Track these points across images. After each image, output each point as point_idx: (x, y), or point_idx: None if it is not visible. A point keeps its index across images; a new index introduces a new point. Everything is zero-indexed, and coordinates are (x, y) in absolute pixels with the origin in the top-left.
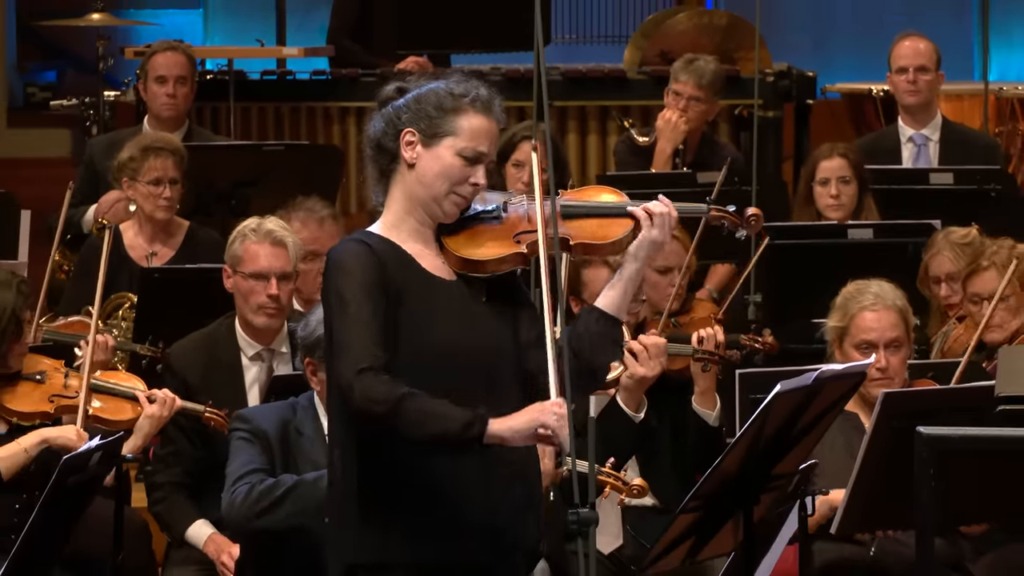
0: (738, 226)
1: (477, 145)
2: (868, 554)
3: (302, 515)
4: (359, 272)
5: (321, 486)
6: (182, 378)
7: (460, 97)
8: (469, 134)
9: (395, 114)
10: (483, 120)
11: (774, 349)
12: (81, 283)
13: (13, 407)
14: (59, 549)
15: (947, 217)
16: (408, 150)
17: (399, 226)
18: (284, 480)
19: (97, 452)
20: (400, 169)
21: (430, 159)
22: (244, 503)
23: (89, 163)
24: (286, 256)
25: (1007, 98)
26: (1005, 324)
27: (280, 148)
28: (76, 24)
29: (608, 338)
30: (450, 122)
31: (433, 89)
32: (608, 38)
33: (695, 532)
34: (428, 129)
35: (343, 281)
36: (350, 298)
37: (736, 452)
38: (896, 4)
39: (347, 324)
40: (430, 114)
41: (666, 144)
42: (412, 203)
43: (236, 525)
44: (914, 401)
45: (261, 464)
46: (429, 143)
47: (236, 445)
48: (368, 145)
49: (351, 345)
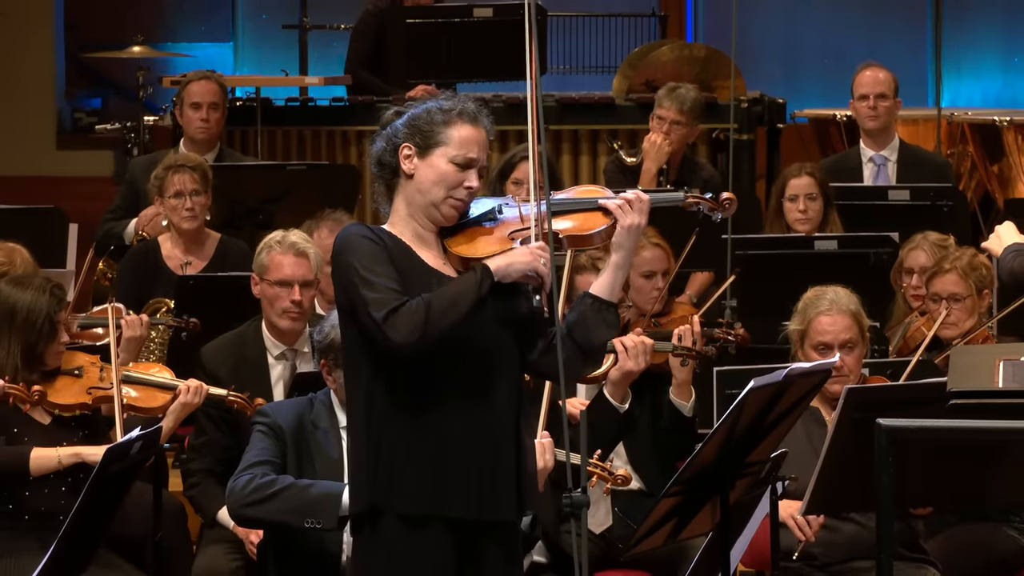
0: (714, 210)
1: (467, 152)
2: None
3: (287, 514)
4: (365, 243)
5: (311, 492)
6: (213, 374)
7: (449, 111)
8: (459, 142)
9: (393, 133)
10: (471, 129)
11: (746, 341)
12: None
13: (55, 400)
14: (103, 529)
15: (904, 230)
16: (406, 162)
17: (404, 227)
18: (281, 480)
19: (137, 442)
20: (401, 181)
21: (426, 168)
22: (241, 491)
23: (130, 181)
24: (308, 265)
25: (957, 123)
26: (960, 323)
27: (303, 168)
28: (119, 56)
29: (602, 318)
30: (441, 133)
31: (425, 107)
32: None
33: (677, 514)
34: (422, 142)
35: (350, 254)
36: (359, 262)
37: (713, 442)
38: (858, 38)
39: (360, 281)
40: (423, 129)
41: (651, 164)
42: (413, 209)
43: (230, 510)
44: (874, 395)
45: (271, 456)
46: (424, 154)
47: (254, 437)
48: (371, 163)
49: (370, 300)
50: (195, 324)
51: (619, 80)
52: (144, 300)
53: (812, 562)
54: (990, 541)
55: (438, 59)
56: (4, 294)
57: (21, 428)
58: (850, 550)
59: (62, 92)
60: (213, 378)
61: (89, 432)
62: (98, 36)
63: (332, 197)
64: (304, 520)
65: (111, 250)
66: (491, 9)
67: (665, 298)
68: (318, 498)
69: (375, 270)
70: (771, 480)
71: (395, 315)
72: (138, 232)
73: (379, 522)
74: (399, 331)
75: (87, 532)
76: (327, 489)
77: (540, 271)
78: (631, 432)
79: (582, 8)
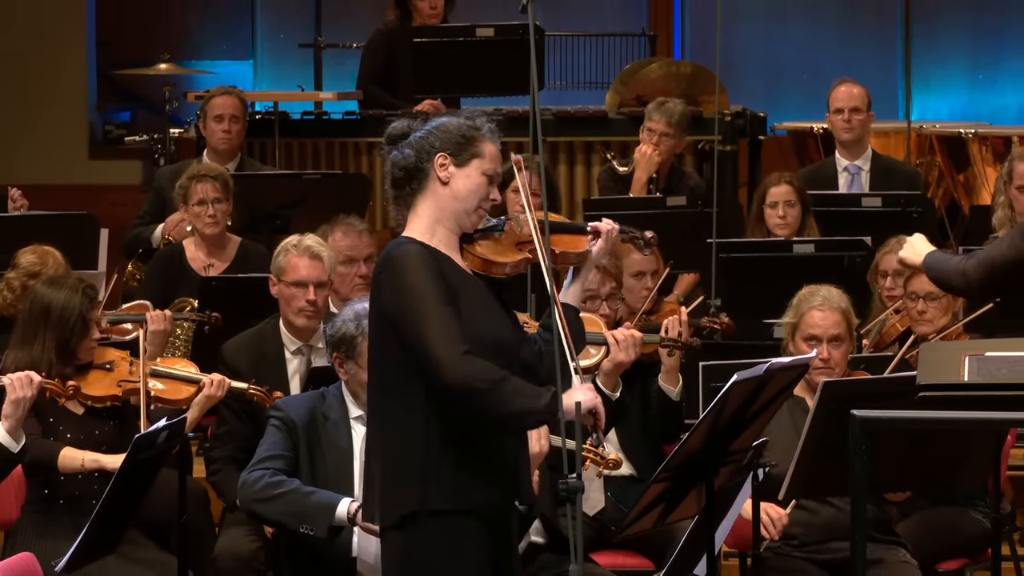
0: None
1: (496, 167)
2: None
3: (286, 516)
4: (426, 269)
5: (310, 500)
6: (235, 368)
7: (478, 128)
8: (490, 157)
9: (425, 142)
10: (495, 147)
11: (731, 328)
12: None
13: (88, 392)
14: (133, 512)
15: (876, 235)
16: (442, 171)
17: (431, 236)
18: (288, 483)
19: (164, 431)
20: (431, 187)
21: (463, 177)
22: (250, 487)
23: (157, 189)
24: (322, 267)
25: (926, 135)
26: (935, 320)
27: (317, 176)
28: (147, 73)
29: (577, 323)
30: (476, 147)
31: (453, 121)
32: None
33: (665, 499)
34: (459, 152)
35: (414, 277)
36: (427, 291)
37: (699, 432)
38: (833, 55)
39: (433, 313)
40: (458, 141)
41: (642, 173)
42: (444, 214)
43: (241, 501)
44: (849, 388)
45: (281, 451)
46: (461, 164)
47: (268, 431)
48: (395, 168)
49: (445, 331)
50: (217, 318)
51: (611, 95)
52: (170, 300)
53: (791, 541)
54: (957, 524)
55: (444, 75)
56: (40, 294)
57: (56, 419)
58: (827, 531)
59: (94, 106)
60: (234, 372)
61: (119, 422)
62: (127, 54)
63: (344, 204)
64: (300, 525)
65: (139, 253)
66: (492, 29)
67: (655, 298)
68: (315, 506)
69: (443, 304)
70: (753, 467)
71: (470, 357)
72: (164, 236)
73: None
74: (469, 372)
75: (117, 515)
76: (325, 499)
77: (598, 413)
78: (623, 420)
79: (577, 28)
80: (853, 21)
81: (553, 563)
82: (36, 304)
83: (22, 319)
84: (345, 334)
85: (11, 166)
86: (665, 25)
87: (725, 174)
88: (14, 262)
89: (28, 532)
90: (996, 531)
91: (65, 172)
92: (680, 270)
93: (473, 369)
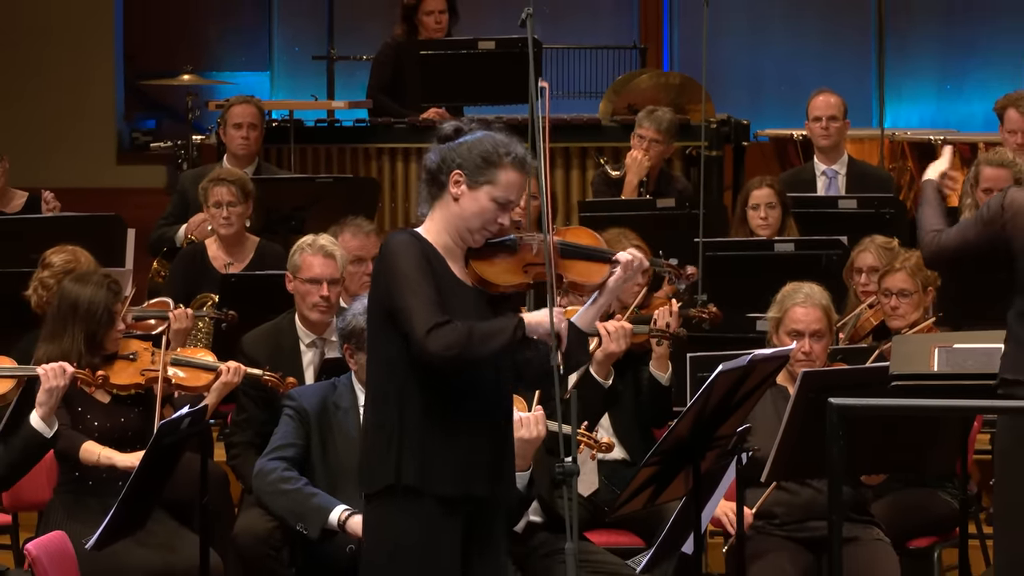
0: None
1: (509, 195)
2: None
3: (287, 512)
4: (412, 255)
5: (311, 502)
6: (253, 359)
7: (504, 155)
8: (505, 186)
9: (450, 154)
10: (517, 175)
11: (718, 317)
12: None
13: (113, 381)
14: (158, 493)
15: (852, 234)
16: (455, 187)
17: (437, 236)
18: (296, 480)
19: (187, 418)
20: (445, 198)
21: (470, 200)
22: (265, 477)
23: (180, 192)
24: (335, 265)
25: (898, 141)
26: (907, 315)
27: (330, 180)
28: (171, 83)
29: (581, 344)
30: (492, 173)
31: (483, 140)
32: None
33: (655, 481)
34: (473, 174)
35: (399, 261)
36: (408, 273)
37: (687, 419)
38: (812, 67)
39: (409, 293)
40: (477, 163)
41: (633, 177)
42: (450, 225)
43: (254, 488)
44: (826, 378)
45: (294, 440)
46: (473, 186)
47: (282, 420)
48: (424, 170)
49: (416, 310)
50: (233, 316)
51: (605, 104)
52: (192, 295)
53: (772, 520)
54: (927, 504)
55: (448, 86)
56: (67, 290)
57: (84, 407)
58: (806, 511)
59: (122, 115)
60: (253, 363)
61: (143, 409)
62: (153, 67)
63: (355, 206)
64: (297, 523)
65: (164, 252)
66: (494, 42)
67: (645, 293)
68: (313, 509)
69: (423, 283)
70: (737, 451)
71: (439, 330)
72: (187, 236)
73: (398, 500)
74: (439, 344)
75: (143, 496)
76: (323, 503)
77: (561, 335)
78: (615, 406)
79: (573, 42)
80: (830, 36)
81: (550, 541)
82: (64, 300)
83: (51, 314)
84: (355, 327)
85: (45, 171)
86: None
87: (711, 178)
88: (45, 262)
89: (60, 513)
90: (963, 511)
91: (95, 176)
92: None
93: (441, 342)
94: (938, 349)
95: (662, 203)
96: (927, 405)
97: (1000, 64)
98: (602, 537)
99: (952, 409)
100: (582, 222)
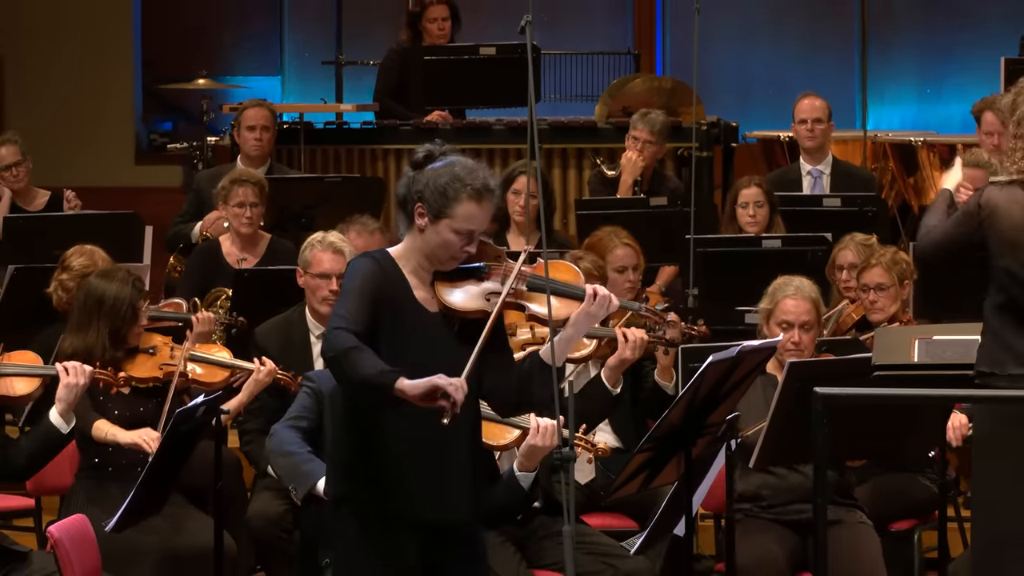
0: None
1: (468, 226)
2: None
3: (284, 472)
4: (360, 279)
5: (305, 467)
6: (265, 351)
7: (460, 188)
8: (464, 218)
9: (415, 185)
10: (475, 207)
11: (707, 335)
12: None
13: (133, 374)
14: (175, 478)
15: (836, 231)
16: (419, 219)
17: (407, 259)
18: (300, 446)
19: (202, 407)
20: (412, 226)
21: (433, 232)
22: (278, 438)
23: (196, 190)
24: (343, 261)
25: (880, 143)
26: (886, 309)
27: (338, 180)
28: (187, 87)
29: (545, 379)
30: (450, 207)
31: (443, 171)
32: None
33: (648, 467)
34: (434, 208)
35: (348, 282)
36: (349, 290)
37: (679, 407)
38: (798, 71)
39: (340, 304)
40: (436, 197)
41: (627, 176)
42: (419, 252)
43: (267, 446)
44: (812, 368)
45: (308, 413)
46: (434, 220)
47: (300, 395)
48: (396, 196)
49: (337, 313)
50: (242, 322)
51: (600, 107)
52: (207, 290)
53: (760, 503)
54: (908, 489)
55: (451, 90)
56: (93, 286)
57: (106, 397)
58: (793, 495)
59: (140, 118)
60: (264, 354)
61: (161, 400)
62: (169, 72)
63: (362, 204)
64: (289, 484)
65: (180, 248)
66: (494, 48)
67: (638, 289)
68: (305, 474)
69: (357, 298)
70: (727, 438)
71: (339, 332)
72: (202, 233)
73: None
74: (328, 343)
75: (161, 481)
76: (313, 470)
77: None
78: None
79: (570, 48)
80: (816, 42)
81: (548, 523)
82: (90, 295)
83: (77, 308)
84: None
85: (67, 171)
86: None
87: (702, 177)
88: (65, 263)
89: (81, 497)
90: (942, 495)
91: (114, 176)
92: (661, 263)
93: (333, 342)
94: (919, 340)
95: (655, 201)
96: (908, 394)
97: (977, 69)
98: (598, 520)
99: (931, 398)
100: (579, 219)
